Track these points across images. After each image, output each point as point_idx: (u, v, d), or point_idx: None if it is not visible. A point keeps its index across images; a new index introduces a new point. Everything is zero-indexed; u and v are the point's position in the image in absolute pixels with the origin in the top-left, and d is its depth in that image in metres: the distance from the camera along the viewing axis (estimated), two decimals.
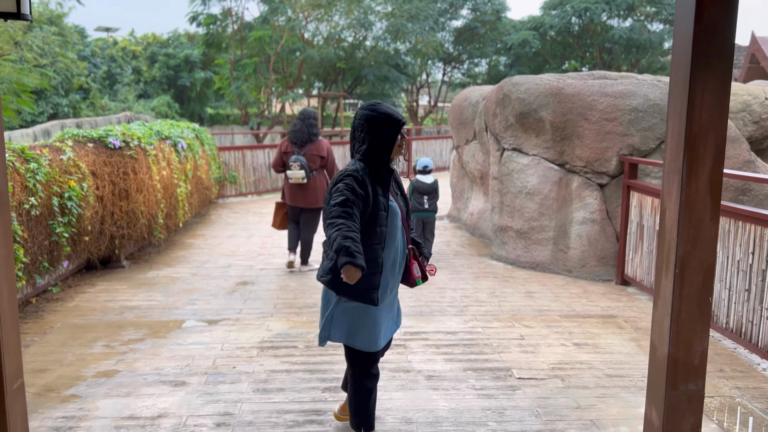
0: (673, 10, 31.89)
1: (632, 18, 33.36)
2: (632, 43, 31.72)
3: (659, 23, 33.68)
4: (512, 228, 7.19)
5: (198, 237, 8.72)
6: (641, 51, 32.65)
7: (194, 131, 10.09)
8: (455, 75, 38.09)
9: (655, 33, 32.49)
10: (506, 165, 7.17)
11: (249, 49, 24.61)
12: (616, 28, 32.54)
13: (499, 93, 7.07)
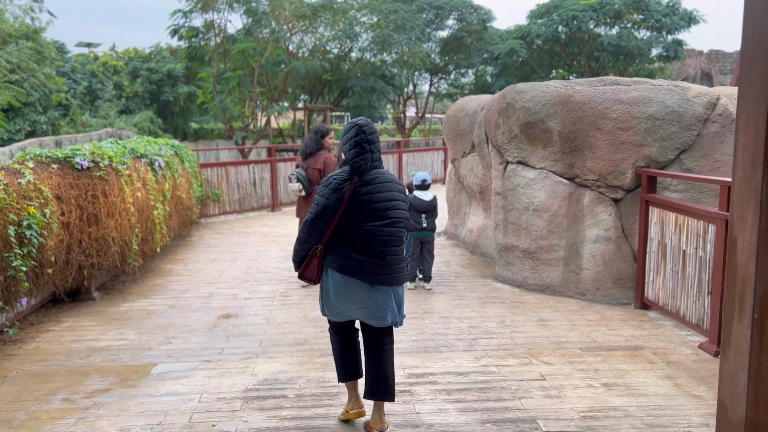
0: (660, 17, 31.78)
1: (619, 26, 33.18)
2: (620, 50, 31.51)
3: (646, 30, 33.56)
4: (518, 247, 6.64)
5: (178, 262, 8.09)
6: (629, 58, 32.46)
7: (173, 148, 9.48)
8: (442, 86, 37.75)
9: (642, 40, 32.30)
10: (511, 179, 6.62)
11: (232, 62, 24.03)
12: (604, 35, 32.34)
13: (501, 102, 6.53)
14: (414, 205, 6.38)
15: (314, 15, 23.70)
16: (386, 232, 3.35)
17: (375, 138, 3.43)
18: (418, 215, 6.39)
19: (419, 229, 6.42)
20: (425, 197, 6.42)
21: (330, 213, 3.31)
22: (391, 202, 3.38)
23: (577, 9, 31.62)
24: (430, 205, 6.41)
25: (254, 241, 9.41)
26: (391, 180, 3.45)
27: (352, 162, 3.38)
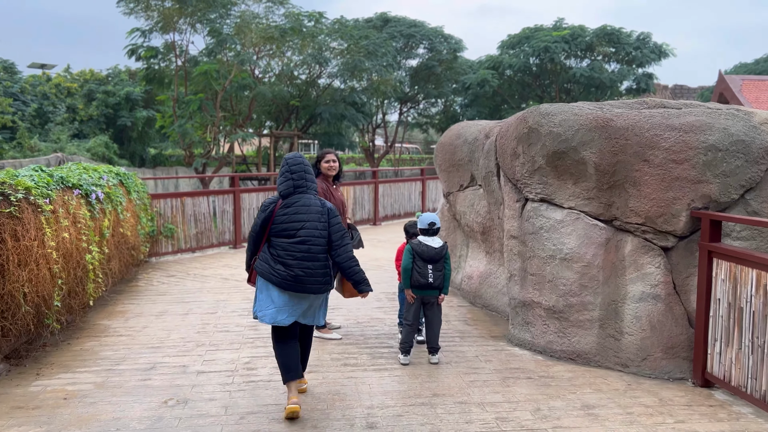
0: (631, 49, 31.55)
1: (589, 58, 32.88)
2: (593, 82, 31.10)
3: (616, 63, 33.33)
4: (541, 304, 5.39)
5: (117, 316, 6.62)
6: (601, 90, 32.08)
7: (118, 176, 8.04)
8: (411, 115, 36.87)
9: (614, 72, 32.00)
10: (531, 221, 5.40)
11: (194, 85, 22.60)
12: (576, 67, 31.95)
13: (521, 127, 5.33)
14: (419, 253, 5.10)
15: (282, 37, 22.52)
16: (297, 248, 4.08)
17: (299, 168, 4.22)
18: (424, 266, 5.10)
19: (423, 286, 5.10)
20: (433, 243, 5.14)
21: (259, 229, 4.19)
22: (305, 223, 4.11)
23: (549, 40, 31.19)
24: (440, 253, 5.13)
25: (212, 287, 7.97)
26: (311, 204, 4.17)
27: (278, 188, 4.23)
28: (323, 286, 4.14)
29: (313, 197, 4.18)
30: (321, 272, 4.11)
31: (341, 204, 5.84)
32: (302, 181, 4.17)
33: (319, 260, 4.09)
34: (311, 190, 4.21)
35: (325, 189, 5.67)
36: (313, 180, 4.28)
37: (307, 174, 4.21)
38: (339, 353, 5.40)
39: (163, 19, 21.49)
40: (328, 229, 4.15)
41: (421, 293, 5.13)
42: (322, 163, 5.74)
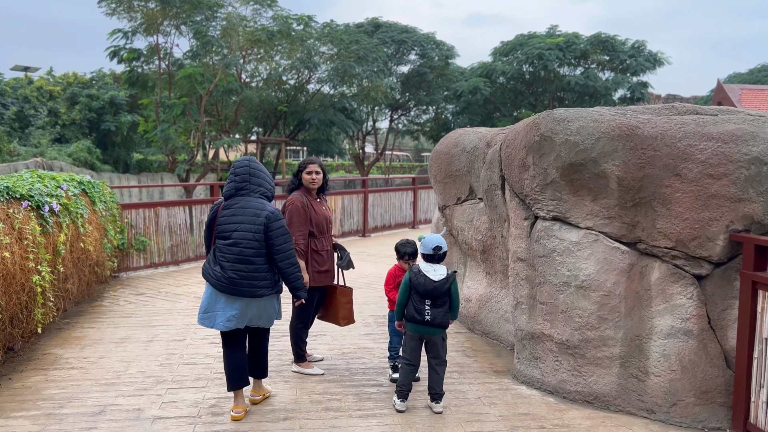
0: (626, 57, 31.12)
1: (583, 66, 32.41)
2: (587, 90, 30.61)
3: (610, 72, 32.88)
4: (552, 338, 4.71)
5: (72, 343, 5.87)
6: (595, 99, 31.59)
7: (80, 185, 7.30)
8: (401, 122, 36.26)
9: (608, 80, 31.54)
10: (542, 242, 4.72)
11: (178, 89, 21.86)
12: (570, 75, 31.47)
13: (532, 134, 4.65)
14: (417, 285, 4.35)
15: (270, 41, 21.82)
16: (230, 250, 4.09)
17: (243, 171, 4.18)
18: (420, 301, 4.35)
19: (420, 322, 4.36)
20: (433, 274, 4.35)
21: (207, 229, 4.31)
22: (238, 225, 4.08)
23: (543, 47, 30.69)
24: (440, 288, 4.34)
25: (184, 307, 7.23)
26: (249, 206, 4.11)
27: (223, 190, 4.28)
28: (259, 290, 4.09)
29: (254, 200, 4.13)
30: (256, 275, 4.07)
31: (325, 220, 5.14)
32: (245, 183, 4.15)
33: (252, 263, 4.05)
34: (255, 193, 4.16)
35: (306, 203, 4.98)
36: (262, 184, 4.20)
37: (252, 177, 4.17)
38: (320, 393, 4.69)
39: (146, 21, 20.75)
40: (267, 233, 4.07)
41: (416, 330, 4.42)
42: (303, 173, 5.05)
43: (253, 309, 4.16)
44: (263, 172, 4.27)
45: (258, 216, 4.06)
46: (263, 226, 4.06)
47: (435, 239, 4.49)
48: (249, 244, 4.04)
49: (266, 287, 4.13)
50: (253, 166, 4.21)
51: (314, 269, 4.97)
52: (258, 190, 4.18)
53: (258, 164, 4.27)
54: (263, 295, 4.12)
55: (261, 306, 4.19)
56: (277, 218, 4.11)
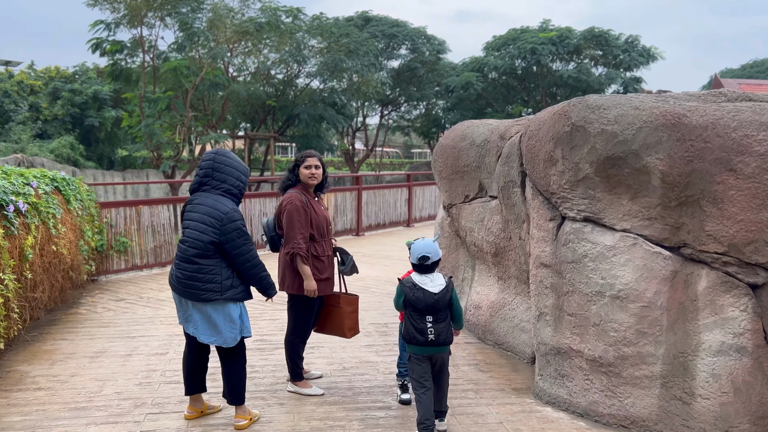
0: (619, 52, 30.72)
1: (575, 61, 31.99)
2: (580, 85, 30.17)
3: (603, 67, 32.50)
4: (582, 354, 4.18)
5: (41, 358, 5.27)
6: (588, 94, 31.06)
7: (54, 182, 6.69)
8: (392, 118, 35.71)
9: (602, 75, 31.14)
10: (571, 246, 4.19)
11: (163, 83, 21.16)
12: (563, 69, 31.03)
13: (561, 124, 4.11)
14: (412, 301, 3.81)
15: (258, 33, 21.16)
16: (179, 248, 3.87)
17: (207, 165, 3.90)
18: (420, 318, 3.80)
19: (423, 343, 3.82)
20: (431, 286, 3.81)
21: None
22: (190, 222, 3.83)
23: (536, 41, 30.23)
24: (441, 300, 3.80)
25: (167, 315, 6.64)
26: (206, 204, 3.81)
27: None
28: (202, 293, 3.77)
29: (212, 197, 3.83)
30: (199, 277, 3.77)
31: (326, 222, 4.58)
32: (207, 178, 3.88)
33: (194, 263, 3.77)
34: (217, 189, 3.86)
35: (305, 202, 4.42)
36: (226, 179, 3.87)
37: (215, 172, 3.87)
38: (321, 419, 4.13)
39: (129, 12, 20.02)
40: (221, 236, 3.75)
41: (420, 351, 3.85)
42: (301, 168, 4.48)
43: (197, 314, 3.85)
44: (230, 166, 3.89)
45: (210, 215, 3.76)
46: (214, 227, 3.74)
47: (423, 246, 3.89)
48: (194, 244, 3.77)
49: (212, 291, 3.78)
50: (218, 160, 3.89)
51: (314, 277, 4.40)
52: (221, 187, 3.86)
53: (225, 158, 3.92)
54: (208, 300, 3.77)
55: (206, 313, 3.82)
56: (232, 219, 3.76)
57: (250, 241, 3.85)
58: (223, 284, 3.79)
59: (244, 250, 3.79)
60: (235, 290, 3.84)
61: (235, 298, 3.84)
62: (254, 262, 3.85)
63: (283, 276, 4.49)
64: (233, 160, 3.92)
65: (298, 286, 4.41)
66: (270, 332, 6.06)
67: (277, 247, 4.62)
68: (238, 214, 3.83)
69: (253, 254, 3.85)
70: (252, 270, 3.85)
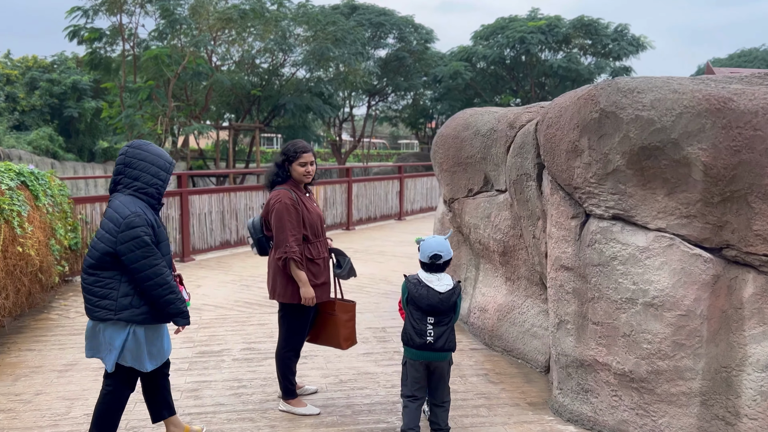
0: (608, 41, 30.36)
1: (564, 50, 31.60)
2: (569, 74, 29.80)
3: (592, 56, 32.16)
4: (610, 367, 3.74)
5: (3, 372, 4.75)
6: (577, 84, 30.79)
7: (19, 176, 6.13)
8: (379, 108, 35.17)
9: (591, 65, 30.79)
10: (598, 247, 3.73)
11: (144, 72, 20.50)
12: (552, 59, 30.64)
13: (588, 109, 3.64)
14: (416, 298, 3.51)
15: (242, 19, 20.53)
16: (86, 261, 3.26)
17: (119, 160, 3.29)
18: (421, 318, 3.51)
19: (421, 346, 3.50)
20: (437, 284, 3.51)
21: None
22: (98, 229, 3.25)
23: (525, 30, 29.79)
24: (447, 300, 3.50)
25: None
26: (111, 207, 3.22)
27: None
28: (96, 310, 3.19)
29: (118, 199, 3.23)
30: (93, 290, 3.20)
31: (320, 220, 4.10)
32: (119, 176, 3.28)
33: (90, 274, 3.21)
34: (128, 188, 3.24)
35: (296, 200, 3.93)
36: (139, 177, 3.25)
37: (127, 168, 3.26)
38: None
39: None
40: (116, 247, 3.13)
41: (418, 356, 3.52)
42: (294, 165, 3.97)
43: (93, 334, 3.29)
44: (144, 161, 3.26)
45: (110, 220, 3.17)
46: (111, 234, 3.14)
47: (434, 244, 3.59)
48: (91, 252, 3.22)
49: (105, 309, 3.17)
50: (130, 154, 3.27)
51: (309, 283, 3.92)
52: (133, 186, 3.24)
53: (140, 151, 3.29)
54: (100, 318, 3.19)
55: (100, 335, 3.24)
56: (130, 226, 3.11)
57: (154, 254, 3.16)
58: (119, 302, 3.16)
59: (144, 265, 3.13)
60: (135, 311, 3.18)
61: (133, 320, 3.18)
62: (158, 281, 3.16)
63: (274, 283, 4.00)
64: (149, 153, 3.28)
65: (291, 294, 3.93)
66: (258, 339, 5.57)
67: (265, 250, 4.13)
68: (140, 219, 3.14)
69: (157, 271, 3.16)
70: (154, 291, 3.16)
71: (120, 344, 3.20)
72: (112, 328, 3.19)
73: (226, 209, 9.93)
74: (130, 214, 3.13)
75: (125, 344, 3.22)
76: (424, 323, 3.48)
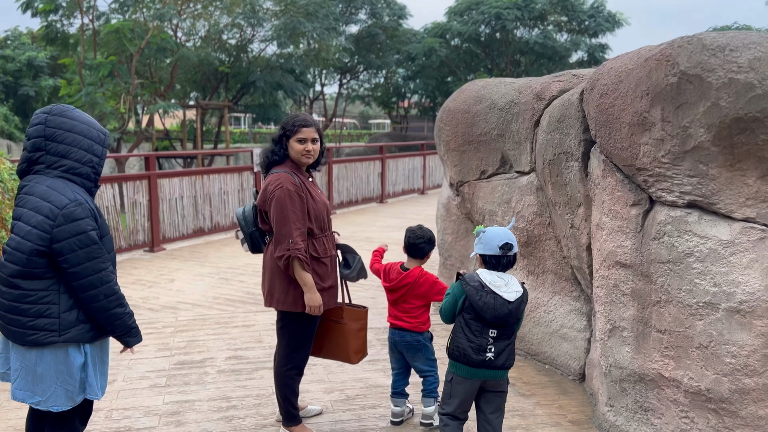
0: (585, 17, 29.87)
1: (539, 27, 31.05)
2: (546, 52, 29.26)
3: (568, 33, 31.67)
4: (680, 384, 3.12)
5: None
6: (553, 62, 30.33)
7: None
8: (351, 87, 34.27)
9: (568, 41, 30.30)
10: (667, 240, 3.09)
11: (105, 47, 19.27)
12: (528, 36, 30.08)
13: (664, 73, 2.96)
14: (479, 308, 2.85)
15: None
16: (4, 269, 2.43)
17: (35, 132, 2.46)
18: (481, 330, 2.88)
19: (478, 364, 2.88)
20: (506, 291, 2.86)
21: None
22: (15, 223, 2.43)
23: (501, 6, 29.09)
24: (514, 312, 2.88)
25: None
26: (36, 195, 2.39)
27: None
28: (23, 332, 2.39)
29: (43, 183, 2.42)
30: (21, 308, 2.39)
31: (326, 211, 3.38)
32: (39, 154, 2.46)
33: (16, 287, 2.39)
34: (54, 169, 2.45)
35: (299, 185, 3.21)
36: (67, 153, 2.45)
37: (49, 142, 2.44)
38: None
39: None
40: (53, 244, 2.36)
41: (477, 375, 2.90)
42: (292, 141, 3.25)
43: (16, 360, 2.46)
44: (74, 131, 2.47)
45: (38, 211, 2.38)
46: (42, 230, 2.36)
47: (503, 233, 2.94)
48: (13, 256, 2.39)
49: (44, 330, 2.40)
50: (53, 124, 2.45)
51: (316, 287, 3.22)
52: (61, 165, 2.45)
53: (66, 119, 2.48)
54: (38, 342, 2.39)
55: (30, 360, 2.43)
56: (69, 218, 2.37)
57: (101, 255, 2.44)
58: (62, 319, 2.42)
59: (87, 270, 2.40)
60: (83, 327, 2.46)
61: (81, 338, 2.46)
62: (104, 290, 2.44)
63: (272, 287, 3.28)
64: (78, 122, 2.50)
65: (293, 301, 3.22)
66: (245, 345, 4.85)
67: (259, 247, 3.41)
68: (83, 209, 2.41)
69: (103, 277, 2.44)
70: (97, 302, 2.44)
71: (79, 368, 2.47)
72: (57, 353, 2.42)
73: (199, 194, 9.11)
74: (69, 203, 2.37)
75: (87, 367, 2.50)
76: (484, 337, 2.87)
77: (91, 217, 2.43)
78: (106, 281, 2.44)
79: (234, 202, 9.68)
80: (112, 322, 2.48)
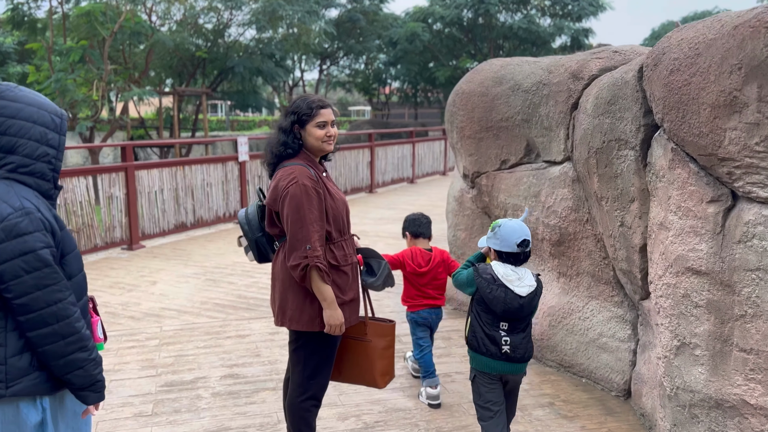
0: (569, 2, 29.43)
1: (522, 12, 30.58)
2: (530, 36, 28.81)
3: (550, 18, 31.24)
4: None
5: None
6: (537, 46, 29.90)
7: None
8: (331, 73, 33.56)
9: (552, 26, 29.87)
10: (756, 244, 2.60)
11: (75, 31, 18.39)
12: (512, 20, 29.60)
13: (761, 43, 2.44)
14: (491, 300, 2.71)
15: None
16: None
17: None
18: (492, 323, 2.76)
19: (495, 356, 2.75)
20: (518, 285, 2.71)
21: None
22: None
23: None
24: (526, 307, 2.73)
25: None
26: None
27: None
28: None
29: None
30: None
31: (346, 210, 2.84)
32: None
33: None
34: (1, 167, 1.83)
35: (316, 180, 2.66)
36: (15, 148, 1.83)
37: None
38: None
39: None
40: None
41: (496, 369, 2.77)
42: (310, 126, 2.71)
43: None
44: (21, 117, 1.85)
45: None
46: None
47: (520, 229, 2.77)
48: None
49: None
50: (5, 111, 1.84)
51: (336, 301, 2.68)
52: (4, 164, 1.84)
53: (9, 102, 1.85)
54: None
55: None
56: (12, 233, 1.76)
57: (56, 281, 1.83)
58: (9, 365, 1.81)
59: (38, 301, 1.80)
60: (39, 376, 1.86)
61: (36, 390, 1.85)
62: (60, 328, 1.83)
63: (283, 302, 2.73)
64: (23, 103, 1.88)
65: (309, 319, 2.68)
66: (241, 360, 4.29)
67: (267, 255, 2.85)
68: (32, 221, 1.79)
69: (60, 311, 1.83)
70: (51, 344, 1.83)
71: (35, 427, 1.86)
72: (6, 410, 1.82)
73: (180, 186, 8.48)
74: (12, 213, 1.77)
75: (46, 425, 1.88)
76: (495, 329, 2.76)
77: (44, 231, 1.80)
78: (64, 316, 1.83)
79: (218, 195, 9.06)
80: (69, 371, 1.86)
